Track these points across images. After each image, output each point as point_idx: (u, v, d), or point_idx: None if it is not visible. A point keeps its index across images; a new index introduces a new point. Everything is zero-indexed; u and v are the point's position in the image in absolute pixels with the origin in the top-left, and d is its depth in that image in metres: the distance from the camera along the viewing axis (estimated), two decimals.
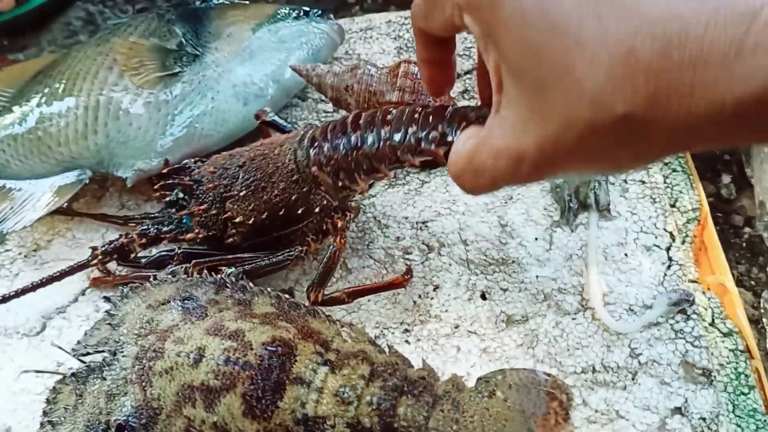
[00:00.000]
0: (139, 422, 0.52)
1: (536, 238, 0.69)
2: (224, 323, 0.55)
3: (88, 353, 0.57)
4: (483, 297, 0.66)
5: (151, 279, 0.62)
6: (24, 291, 0.67)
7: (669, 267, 0.66)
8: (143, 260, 0.69)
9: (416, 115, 0.58)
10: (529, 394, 0.56)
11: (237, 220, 0.65)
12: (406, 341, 0.64)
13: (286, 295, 0.63)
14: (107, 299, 0.61)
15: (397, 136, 0.59)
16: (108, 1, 1.22)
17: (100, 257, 0.68)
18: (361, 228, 0.72)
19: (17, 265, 0.76)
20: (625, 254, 0.67)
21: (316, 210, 0.64)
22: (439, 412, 0.52)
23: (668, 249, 0.67)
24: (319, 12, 0.87)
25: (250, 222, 0.65)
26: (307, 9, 0.86)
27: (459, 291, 0.67)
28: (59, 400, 0.56)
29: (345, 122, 0.63)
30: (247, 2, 0.91)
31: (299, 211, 0.64)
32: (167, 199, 0.69)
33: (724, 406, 0.60)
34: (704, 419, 0.58)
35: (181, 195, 0.69)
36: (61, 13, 1.19)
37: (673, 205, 0.73)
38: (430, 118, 0.57)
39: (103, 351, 0.56)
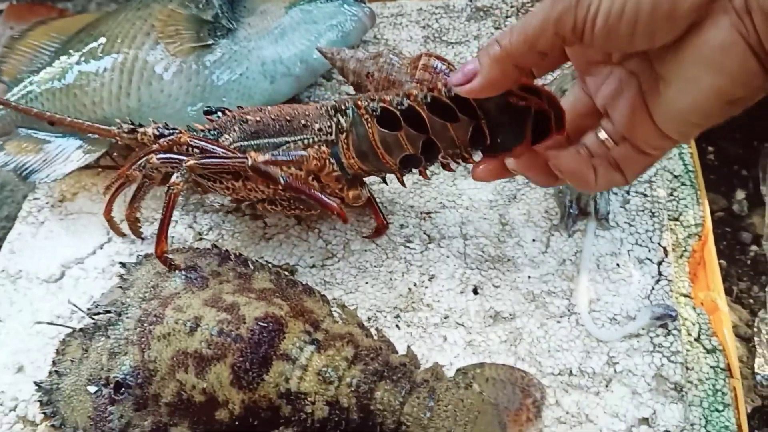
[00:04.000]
0: (135, 381, 0.56)
1: (534, 240, 0.71)
2: (222, 296, 0.59)
3: (99, 312, 0.61)
4: (475, 291, 0.69)
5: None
6: None
7: (658, 281, 0.68)
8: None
9: None
10: (504, 389, 0.59)
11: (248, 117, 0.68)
12: (397, 326, 0.68)
13: (286, 272, 0.66)
14: (123, 264, 0.65)
15: None
16: None
17: (119, 129, 0.71)
18: (367, 212, 0.75)
19: (44, 214, 0.81)
20: (617, 264, 0.69)
21: (316, 127, 0.66)
22: (414, 398, 0.56)
23: (660, 263, 0.69)
24: None
25: (257, 119, 0.67)
26: None
27: (453, 283, 0.70)
28: (67, 353, 0.61)
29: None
30: None
31: (302, 122, 0.66)
32: (205, 108, 0.73)
33: (696, 420, 0.62)
34: None
35: (219, 114, 0.72)
36: None
37: (676, 219, 0.74)
38: None
39: (111, 311, 0.60)
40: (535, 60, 0.49)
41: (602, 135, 0.54)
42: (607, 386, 0.63)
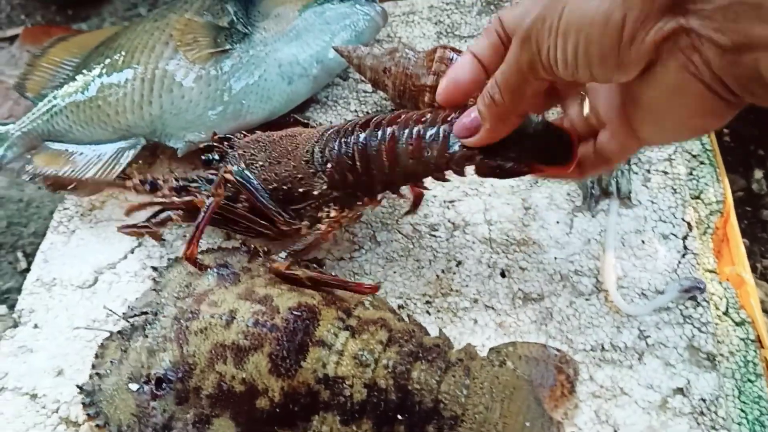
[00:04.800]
0: (176, 376, 0.57)
1: (557, 222, 0.72)
2: (255, 289, 0.60)
3: (136, 315, 0.62)
4: (502, 275, 0.70)
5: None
6: None
7: (684, 255, 0.68)
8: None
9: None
10: (537, 366, 0.60)
11: None
12: (427, 312, 0.68)
13: (314, 265, 0.67)
14: (155, 268, 0.66)
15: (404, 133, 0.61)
16: None
17: (135, 182, 0.73)
18: (391, 203, 0.76)
19: (74, 223, 0.82)
20: (642, 241, 0.70)
21: (315, 193, 0.66)
22: (450, 377, 0.56)
23: (685, 238, 0.69)
24: None
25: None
26: None
27: (480, 268, 0.70)
28: (106, 355, 0.62)
29: (354, 124, 0.64)
30: None
31: (300, 190, 0.66)
32: (203, 157, 0.73)
33: (729, 391, 0.63)
34: (704, 400, 0.61)
35: (217, 158, 0.73)
36: None
37: (697, 197, 0.75)
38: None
39: (147, 313, 0.62)
40: (531, 102, 0.51)
41: (586, 110, 0.54)
42: (639, 359, 0.63)
